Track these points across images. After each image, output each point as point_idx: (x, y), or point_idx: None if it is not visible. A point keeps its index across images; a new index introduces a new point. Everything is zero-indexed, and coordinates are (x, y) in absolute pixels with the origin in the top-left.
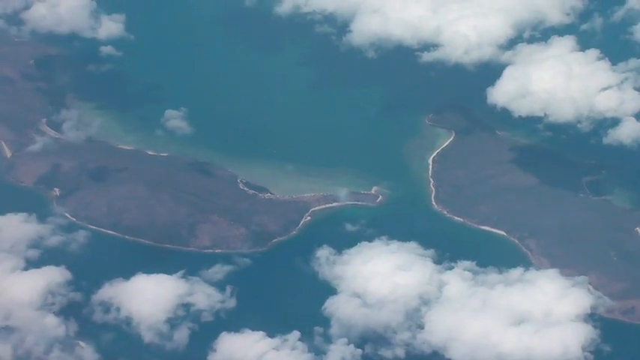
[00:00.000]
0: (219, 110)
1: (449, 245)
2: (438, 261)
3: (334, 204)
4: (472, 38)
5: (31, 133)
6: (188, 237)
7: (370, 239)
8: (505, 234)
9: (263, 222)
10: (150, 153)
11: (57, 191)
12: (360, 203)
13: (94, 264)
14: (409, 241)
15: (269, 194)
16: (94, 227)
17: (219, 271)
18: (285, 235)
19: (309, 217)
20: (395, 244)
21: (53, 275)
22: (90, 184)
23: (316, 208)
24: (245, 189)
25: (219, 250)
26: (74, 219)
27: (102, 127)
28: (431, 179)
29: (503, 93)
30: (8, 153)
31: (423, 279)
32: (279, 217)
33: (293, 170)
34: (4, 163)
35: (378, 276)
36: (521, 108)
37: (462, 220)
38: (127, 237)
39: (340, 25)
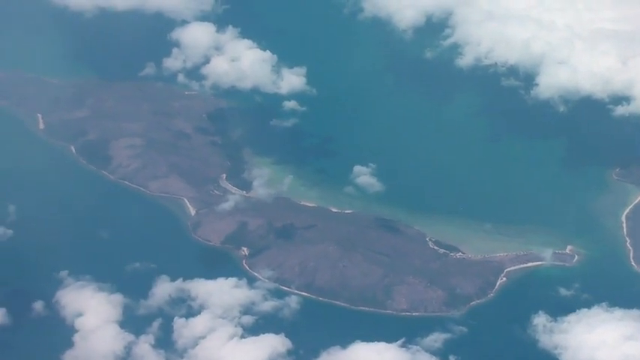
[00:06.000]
0: (401, 165)
1: None
2: None
3: (529, 264)
4: None
5: (212, 189)
6: (384, 299)
7: (585, 304)
8: None
9: (459, 283)
10: (333, 210)
11: (245, 250)
12: (556, 263)
13: (306, 330)
14: (624, 305)
15: (460, 253)
16: (286, 288)
17: (437, 339)
18: (483, 297)
19: (504, 278)
20: (618, 312)
21: (273, 343)
22: (278, 242)
23: (511, 268)
24: (435, 247)
25: (417, 313)
26: (266, 280)
27: (284, 183)
28: (627, 238)
29: None
30: (192, 211)
31: None
32: (474, 277)
33: (481, 228)
34: (189, 221)
35: (606, 346)
36: None
37: None
38: (320, 299)
39: (524, 77)
